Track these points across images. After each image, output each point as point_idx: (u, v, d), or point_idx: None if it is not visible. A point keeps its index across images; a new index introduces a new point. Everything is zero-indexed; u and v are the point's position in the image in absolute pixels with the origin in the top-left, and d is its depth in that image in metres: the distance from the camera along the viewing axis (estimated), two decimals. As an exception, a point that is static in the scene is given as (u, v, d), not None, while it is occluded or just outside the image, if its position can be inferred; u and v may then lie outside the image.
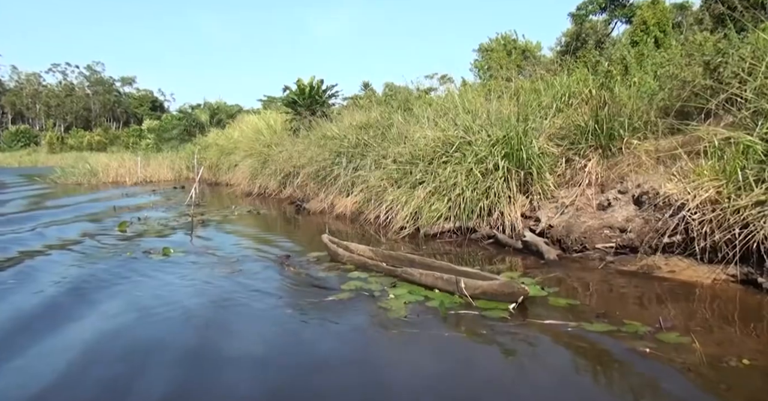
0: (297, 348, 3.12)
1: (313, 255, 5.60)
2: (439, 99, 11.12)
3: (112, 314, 3.74)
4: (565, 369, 2.76)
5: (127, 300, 4.08)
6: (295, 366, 2.83)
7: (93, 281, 4.69)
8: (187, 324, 3.54)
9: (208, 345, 3.15)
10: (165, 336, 3.30)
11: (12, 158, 49.61)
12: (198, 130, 28.24)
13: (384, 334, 3.32)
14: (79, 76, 77.11)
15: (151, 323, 3.55)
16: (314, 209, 9.79)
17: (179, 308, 3.86)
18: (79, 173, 18.46)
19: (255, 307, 3.87)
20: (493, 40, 24.45)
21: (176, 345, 3.14)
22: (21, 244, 6.56)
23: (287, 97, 17.26)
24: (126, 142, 47.69)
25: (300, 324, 3.48)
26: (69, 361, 2.89)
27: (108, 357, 2.96)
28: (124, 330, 3.41)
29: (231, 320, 3.64)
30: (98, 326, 3.48)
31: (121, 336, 3.30)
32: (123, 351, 3.04)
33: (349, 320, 3.56)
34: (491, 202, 6.12)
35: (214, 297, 4.12)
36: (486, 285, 3.70)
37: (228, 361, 2.89)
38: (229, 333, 3.40)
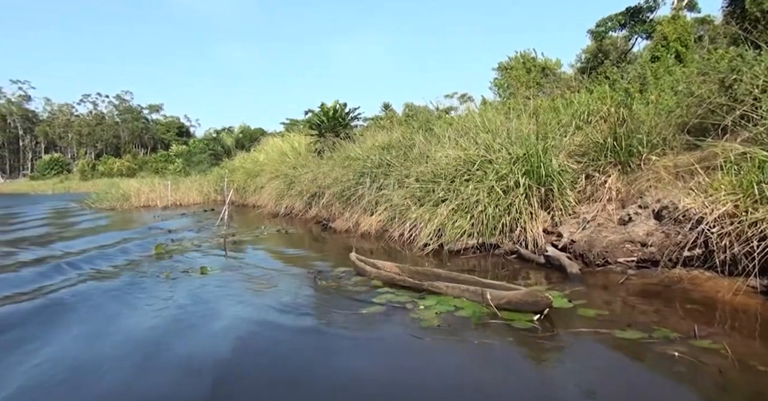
0: (338, 357, 3.30)
1: (342, 269, 5.84)
2: (459, 119, 11.37)
3: (163, 325, 4.03)
4: (601, 372, 2.90)
5: (174, 316, 4.37)
6: (338, 375, 3.02)
7: (144, 297, 5.02)
8: (231, 339, 3.73)
9: (261, 353, 3.41)
10: (211, 348, 3.54)
11: (45, 185, 51.52)
12: (225, 153, 29.04)
13: (420, 343, 3.48)
14: (108, 105, 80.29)
15: (197, 336, 3.80)
16: (340, 228, 10.04)
17: (224, 322, 4.11)
18: (112, 197, 19.20)
19: (295, 320, 4.08)
20: (512, 59, 24.71)
21: (226, 357, 3.36)
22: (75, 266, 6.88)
23: (311, 120, 17.77)
24: (154, 167, 49.13)
25: (338, 335, 3.68)
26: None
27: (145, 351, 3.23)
28: (179, 338, 3.71)
29: (273, 332, 3.85)
30: (146, 331, 3.76)
31: (174, 345, 3.57)
32: (177, 357, 3.32)
33: (384, 330, 3.75)
34: (513, 218, 6.28)
35: (255, 312, 4.36)
36: (511, 295, 3.86)
37: (276, 367, 3.14)
38: (275, 342, 3.62)
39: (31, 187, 52.48)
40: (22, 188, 53.40)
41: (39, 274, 6.26)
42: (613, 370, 2.93)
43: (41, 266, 6.84)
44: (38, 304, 4.80)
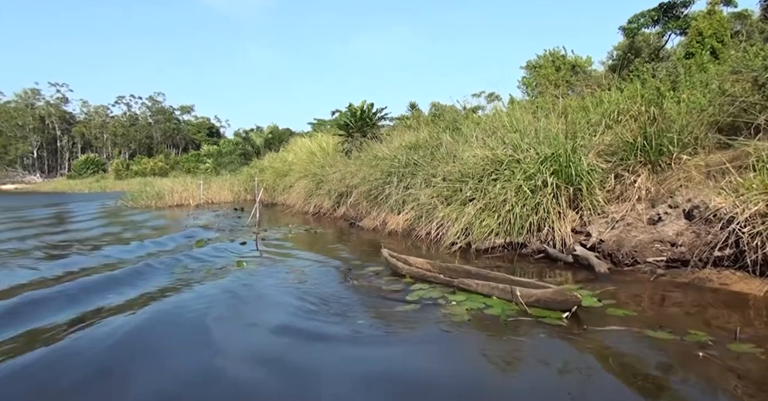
0: (373, 352, 3.42)
1: (372, 269, 5.98)
2: (486, 118, 11.39)
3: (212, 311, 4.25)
4: (631, 372, 2.92)
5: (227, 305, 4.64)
6: (373, 368, 3.16)
7: (191, 293, 5.24)
8: (271, 336, 3.91)
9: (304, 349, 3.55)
10: (251, 347, 3.73)
11: (82, 184, 53.29)
12: (254, 153, 29.61)
13: (450, 337, 3.60)
14: (142, 106, 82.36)
15: (237, 337, 3.99)
16: (367, 227, 10.20)
17: (260, 321, 4.30)
18: (147, 196, 19.84)
19: (329, 314, 4.23)
20: (540, 57, 24.45)
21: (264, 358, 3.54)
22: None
23: (339, 120, 18.00)
24: (186, 167, 50.28)
25: (373, 330, 3.81)
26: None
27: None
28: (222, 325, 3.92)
29: (311, 326, 3.99)
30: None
31: (216, 330, 3.78)
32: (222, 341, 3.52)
33: (417, 324, 3.87)
34: (541, 217, 6.32)
35: (292, 304, 4.54)
36: (540, 293, 3.94)
37: (321, 362, 3.28)
38: (315, 337, 3.75)
39: (68, 186, 54.38)
40: (59, 186, 55.36)
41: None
42: (643, 370, 2.94)
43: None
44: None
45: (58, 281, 5.70)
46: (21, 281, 5.76)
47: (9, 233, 11.15)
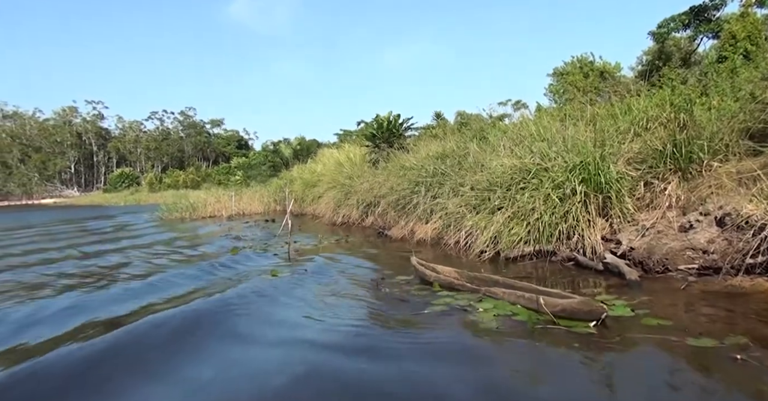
0: (404, 357, 3.49)
1: (402, 278, 6.11)
2: (513, 126, 11.43)
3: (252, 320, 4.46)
4: (668, 380, 2.92)
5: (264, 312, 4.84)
6: (404, 374, 3.24)
7: (232, 298, 5.52)
8: (304, 338, 4.09)
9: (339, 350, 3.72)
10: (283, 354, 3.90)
11: (117, 197, 55.12)
12: (283, 165, 30.15)
13: (479, 343, 3.68)
14: (174, 121, 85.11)
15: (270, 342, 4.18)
16: (396, 236, 10.32)
17: (293, 322, 4.48)
18: (181, 208, 20.48)
19: (362, 321, 4.38)
20: (568, 64, 24.34)
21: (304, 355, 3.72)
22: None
23: (366, 131, 18.23)
24: (217, 179, 51.50)
25: (403, 335, 3.91)
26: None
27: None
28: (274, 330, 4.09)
29: (344, 331, 4.16)
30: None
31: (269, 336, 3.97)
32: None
33: (445, 330, 3.96)
34: (570, 225, 6.34)
35: (325, 311, 4.70)
36: (565, 303, 3.98)
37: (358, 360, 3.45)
38: (352, 337, 3.93)
39: (104, 199, 56.32)
40: (96, 200, 57.41)
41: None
42: (683, 379, 2.92)
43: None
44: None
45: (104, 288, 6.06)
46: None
47: (96, 243, 12.26)
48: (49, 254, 10.43)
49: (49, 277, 7.48)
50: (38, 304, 5.64)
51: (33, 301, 5.82)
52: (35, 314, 5.21)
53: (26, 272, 8.10)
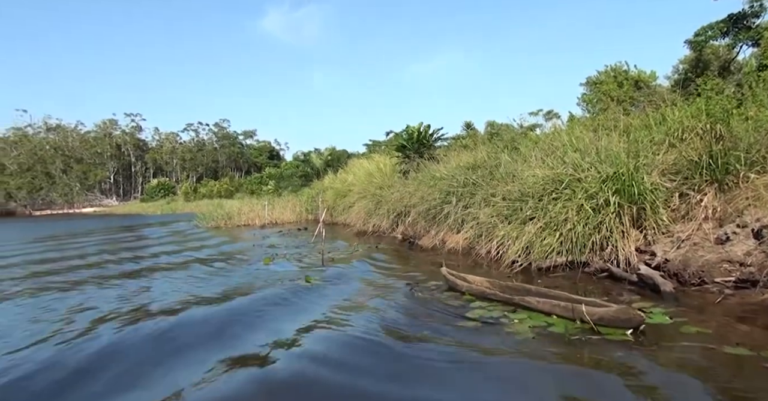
0: (440, 368, 3.52)
1: (432, 284, 6.21)
2: (545, 136, 11.41)
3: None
4: (707, 387, 2.94)
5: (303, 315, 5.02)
6: (441, 385, 3.28)
7: (270, 301, 5.79)
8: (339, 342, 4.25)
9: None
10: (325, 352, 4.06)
11: (154, 206, 56.89)
12: (314, 175, 30.64)
13: (517, 355, 3.68)
14: (208, 132, 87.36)
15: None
16: (426, 246, 10.41)
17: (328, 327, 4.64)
18: (216, 217, 21.10)
19: (397, 329, 4.45)
20: (601, 73, 24.02)
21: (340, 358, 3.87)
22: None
23: (396, 141, 18.43)
24: (249, 189, 52.59)
25: (439, 346, 3.94)
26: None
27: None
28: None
29: (377, 338, 4.26)
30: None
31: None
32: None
33: (482, 342, 3.99)
34: (603, 236, 6.32)
35: (359, 318, 4.85)
36: (602, 311, 4.01)
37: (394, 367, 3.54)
38: (379, 350, 4.02)
39: (142, 208, 58.16)
40: (134, 209, 59.34)
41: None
42: (724, 386, 2.92)
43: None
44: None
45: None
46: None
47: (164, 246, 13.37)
48: (124, 253, 12.28)
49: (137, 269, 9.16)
50: (154, 284, 7.37)
51: (151, 280, 7.73)
52: (157, 290, 6.85)
53: (119, 265, 9.78)
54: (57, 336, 4.66)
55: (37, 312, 5.80)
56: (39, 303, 6.32)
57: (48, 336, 4.69)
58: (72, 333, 4.72)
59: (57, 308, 5.92)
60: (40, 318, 5.43)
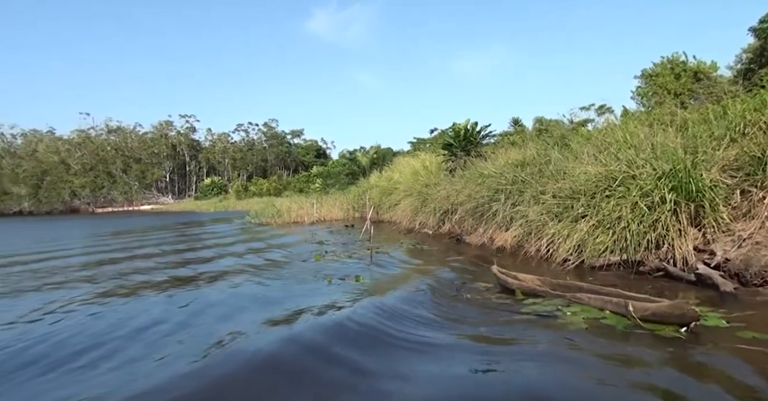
0: (498, 361, 3.59)
1: (483, 284, 6.25)
2: (597, 132, 11.17)
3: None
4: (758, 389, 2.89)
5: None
6: (499, 377, 3.38)
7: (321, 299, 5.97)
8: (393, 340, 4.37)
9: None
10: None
11: (208, 204, 59.25)
12: (360, 173, 31.03)
13: (572, 345, 3.74)
14: (258, 132, 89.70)
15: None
16: (473, 243, 10.42)
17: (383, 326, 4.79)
18: (267, 214, 21.82)
19: (450, 326, 4.51)
20: (657, 64, 23.05)
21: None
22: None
23: (442, 139, 18.42)
24: (297, 187, 53.81)
25: (495, 340, 4.01)
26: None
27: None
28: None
29: (433, 333, 4.35)
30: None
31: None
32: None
33: (537, 333, 4.05)
34: (659, 235, 6.17)
35: (412, 316, 4.96)
36: (655, 307, 3.96)
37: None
38: (439, 344, 4.09)
39: (196, 206, 60.65)
40: (188, 207, 61.97)
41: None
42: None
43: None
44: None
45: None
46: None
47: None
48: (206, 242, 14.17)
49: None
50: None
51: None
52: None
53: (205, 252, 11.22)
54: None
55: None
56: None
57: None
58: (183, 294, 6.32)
59: (158, 277, 6.85)
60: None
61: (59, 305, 6.13)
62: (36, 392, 3.37)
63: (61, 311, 5.82)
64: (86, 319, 5.36)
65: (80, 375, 3.66)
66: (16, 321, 5.43)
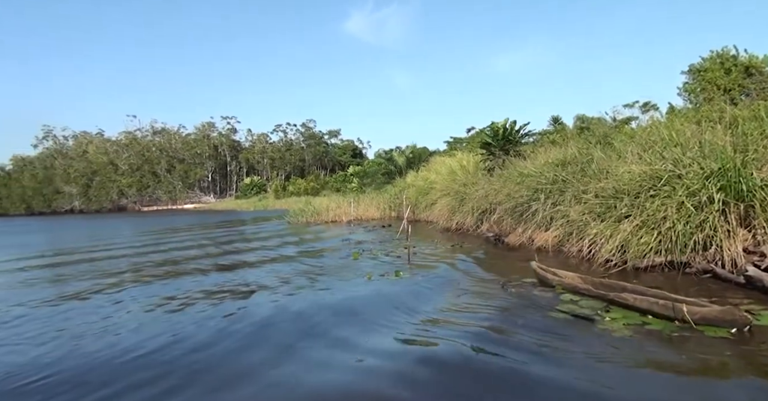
0: (535, 364, 3.53)
1: (524, 281, 6.26)
2: (642, 130, 10.91)
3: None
4: None
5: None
6: (537, 382, 3.28)
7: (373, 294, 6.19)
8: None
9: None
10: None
11: (248, 203, 60.76)
12: (397, 172, 31.16)
13: (614, 353, 3.62)
14: (296, 133, 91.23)
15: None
16: (513, 243, 10.33)
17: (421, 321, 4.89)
18: (306, 213, 22.28)
19: (492, 324, 4.54)
20: (706, 59, 22.19)
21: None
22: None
23: (480, 138, 18.30)
24: (334, 186, 54.45)
25: (532, 342, 3.96)
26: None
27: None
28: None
29: (482, 331, 4.42)
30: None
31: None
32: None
33: (576, 339, 3.97)
34: (706, 235, 6.01)
35: (454, 312, 5.05)
36: (705, 311, 3.88)
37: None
38: (482, 338, 4.18)
39: (236, 205, 62.27)
40: (229, 205, 63.70)
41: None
42: None
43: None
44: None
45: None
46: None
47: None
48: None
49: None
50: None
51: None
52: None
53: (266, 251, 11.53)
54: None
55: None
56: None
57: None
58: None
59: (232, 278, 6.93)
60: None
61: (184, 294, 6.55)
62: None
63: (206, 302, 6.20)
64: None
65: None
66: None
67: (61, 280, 8.78)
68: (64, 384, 3.54)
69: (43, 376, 3.71)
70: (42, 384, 3.57)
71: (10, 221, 52.18)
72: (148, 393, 3.32)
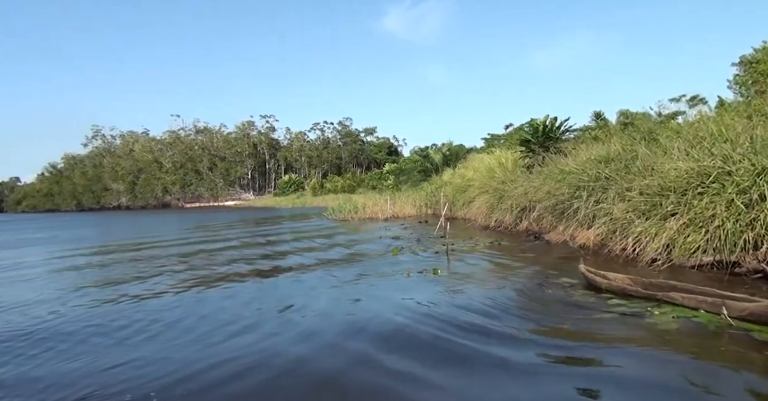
0: (589, 357, 3.58)
1: (566, 280, 6.21)
2: (689, 125, 10.58)
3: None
4: None
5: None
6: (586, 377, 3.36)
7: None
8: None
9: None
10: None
11: (286, 200, 62.04)
12: (433, 170, 31.14)
13: (660, 345, 3.65)
14: (333, 131, 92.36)
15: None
16: (553, 241, 10.22)
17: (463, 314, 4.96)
18: (345, 210, 22.67)
19: (534, 323, 4.52)
20: (758, 50, 21.23)
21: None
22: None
23: (520, 135, 18.10)
24: (371, 184, 54.87)
25: (580, 339, 3.95)
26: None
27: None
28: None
29: (520, 326, 4.46)
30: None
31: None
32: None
33: (623, 333, 3.98)
34: (758, 234, 5.83)
35: (494, 311, 5.09)
36: (754, 307, 3.83)
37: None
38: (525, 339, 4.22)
39: (275, 202, 63.66)
40: (268, 203, 65.21)
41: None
42: None
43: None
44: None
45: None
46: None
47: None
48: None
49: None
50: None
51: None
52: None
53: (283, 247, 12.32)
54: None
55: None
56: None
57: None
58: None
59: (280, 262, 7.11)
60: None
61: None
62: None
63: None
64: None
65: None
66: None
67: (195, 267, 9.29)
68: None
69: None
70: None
71: (62, 216, 54.92)
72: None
